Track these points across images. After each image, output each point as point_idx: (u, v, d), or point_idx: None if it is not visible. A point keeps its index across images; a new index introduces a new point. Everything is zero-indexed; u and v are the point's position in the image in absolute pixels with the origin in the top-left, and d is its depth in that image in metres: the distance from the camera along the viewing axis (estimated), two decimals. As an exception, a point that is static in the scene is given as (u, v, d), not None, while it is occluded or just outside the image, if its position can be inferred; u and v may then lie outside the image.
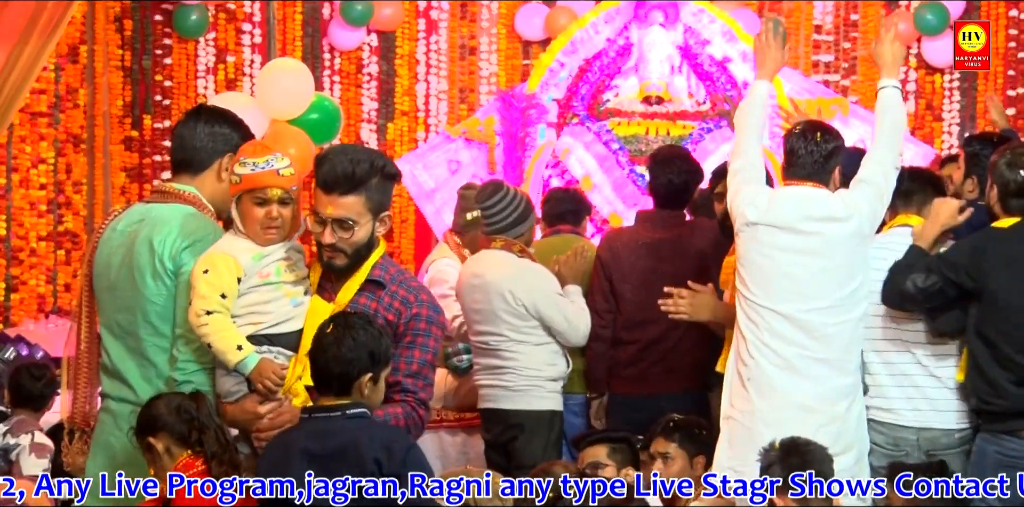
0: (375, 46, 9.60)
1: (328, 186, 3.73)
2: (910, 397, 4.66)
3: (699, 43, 8.04)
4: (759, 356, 4.63)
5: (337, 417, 3.59)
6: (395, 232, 9.53)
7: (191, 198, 3.99)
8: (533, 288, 5.65)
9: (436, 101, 9.61)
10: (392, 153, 9.43)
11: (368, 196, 3.75)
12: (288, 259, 3.87)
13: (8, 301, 8.02)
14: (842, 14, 9.56)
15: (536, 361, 5.67)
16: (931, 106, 9.48)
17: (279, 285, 3.83)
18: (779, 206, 4.67)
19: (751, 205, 4.67)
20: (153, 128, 9.39)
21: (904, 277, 4.59)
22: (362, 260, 3.81)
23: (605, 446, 5.04)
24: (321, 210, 3.75)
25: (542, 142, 7.96)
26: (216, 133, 4.04)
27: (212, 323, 3.74)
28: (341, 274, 3.83)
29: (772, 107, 7.97)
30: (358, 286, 3.81)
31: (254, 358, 3.75)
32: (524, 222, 5.80)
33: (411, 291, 3.84)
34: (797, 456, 4.08)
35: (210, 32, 9.46)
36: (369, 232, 3.79)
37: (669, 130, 7.85)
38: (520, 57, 9.58)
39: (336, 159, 3.74)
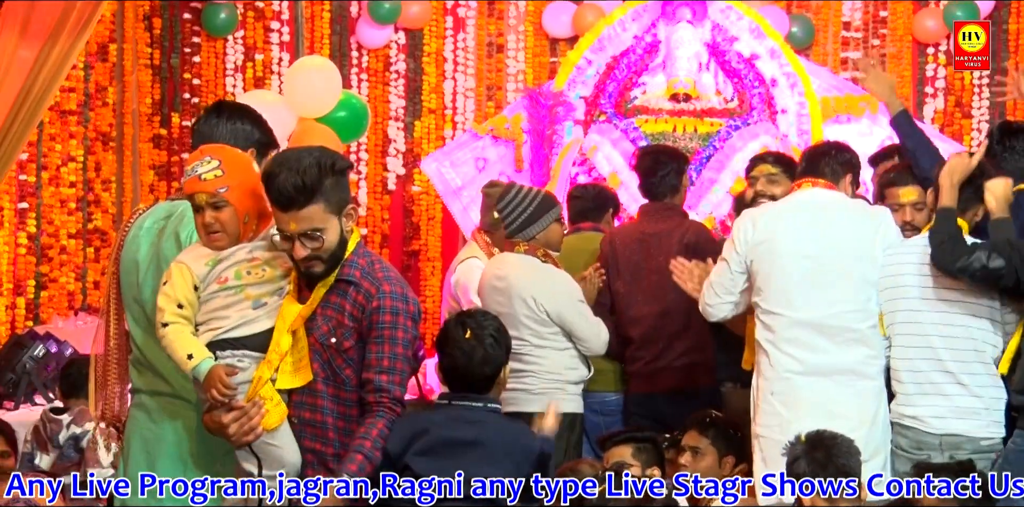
0: (403, 44, 9.62)
1: (283, 204, 3.66)
2: (935, 404, 4.61)
3: (727, 40, 8.02)
4: (780, 367, 4.65)
5: (479, 408, 3.94)
6: (422, 230, 9.56)
7: None
8: (556, 294, 5.57)
9: (463, 99, 9.62)
10: (419, 151, 9.46)
11: (326, 200, 3.68)
12: (254, 260, 3.81)
13: (38, 298, 8.06)
14: (871, 11, 9.53)
15: (557, 365, 5.61)
16: (960, 103, 9.44)
17: (240, 289, 3.77)
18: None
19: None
20: (182, 126, 9.43)
21: (967, 249, 4.53)
22: (339, 260, 3.76)
23: (630, 446, 5.02)
24: (284, 228, 3.68)
25: (569, 140, 7.95)
26: (237, 129, 4.04)
27: (168, 334, 3.74)
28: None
29: (801, 105, 7.99)
30: (329, 285, 3.75)
31: (204, 366, 3.71)
32: (538, 221, 5.64)
33: (375, 283, 3.75)
34: (823, 449, 4.08)
35: (239, 30, 9.50)
36: (338, 232, 3.73)
37: (697, 127, 7.82)
38: (547, 55, 9.58)
39: (282, 176, 3.63)
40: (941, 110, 9.43)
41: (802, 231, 4.77)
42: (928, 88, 9.46)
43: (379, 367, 3.70)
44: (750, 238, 4.80)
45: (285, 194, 3.63)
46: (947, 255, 4.55)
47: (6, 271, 7.69)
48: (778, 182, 5.35)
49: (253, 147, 4.03)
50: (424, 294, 9.52)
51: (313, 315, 3.75)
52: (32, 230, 7.99)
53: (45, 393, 6.84)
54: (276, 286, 3.79)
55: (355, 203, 3.78)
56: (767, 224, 4.82)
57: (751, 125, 7.82)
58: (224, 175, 3.73)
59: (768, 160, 5.52)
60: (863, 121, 8.25)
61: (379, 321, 3.70)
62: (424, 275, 9.56)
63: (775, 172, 5.39)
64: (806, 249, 4.72)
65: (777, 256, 4.74)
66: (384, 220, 9.65)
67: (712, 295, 4.95)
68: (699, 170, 7.72)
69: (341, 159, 3.75)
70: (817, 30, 9.51)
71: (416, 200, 9.58)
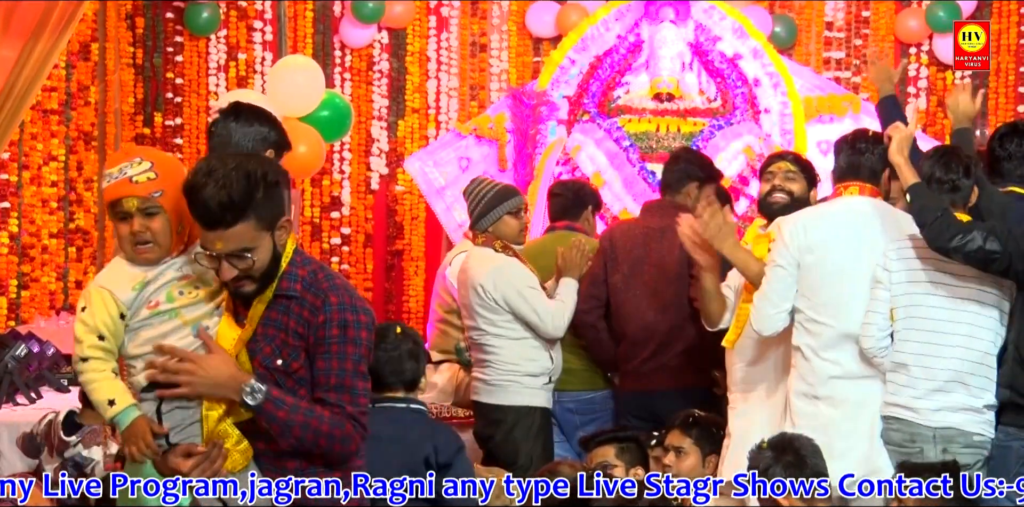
0: (386, 43, 9.61)
1: (208, 223, 3.23)
2: (935, 399, 4.58)
3: (710, 40, 8.04)
4: (823, 372, 4.69)
5: (403, 409, 4.24)
6: (406, 229, 9.55)
7: None
8: (503, 281, 5.67)
9: (447, 98, 9.62)
10: (403, 150, 9.46)
11: (257, 217, 3.24)
12: (185, 278, 3.40)
13: (19, 298, 8.03)
14: (853, 11, 9.56)
15: (513, 355, 5.70)
16: (942, 103, 9.46)
17: (174, 312, 3.36)
18: None
19: None
20: (164, 125, 9.41)
21: (963, 227, 4.46)
22: (273, 277, 3.34)
23: (613, 446, 5.03)
24: (209, 246, 3.26)
25: (553, 139, 7.95)
26: (254, 131, 4.06)
27: (87, 372, 3.35)
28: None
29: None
30: (267, 302, 3.35)
31: (127, 416, 3.32)
32: (489, 213, 5.77)
33: (320, 295, 3.33)
34: (791, 453, 4.10)
35: (221, 30, 9.48)
36: (270, 249, 3.30)
37: (680, 127, 7.83)
38: (531, 54, 9.59)
39: (207, 190, 3.19)
40: (924, 110, 9.47)
41: (851, 243, 4.72)
42: (911, 88, 9.50)
43: (327, 385, 3.32)
44: (800, 243, 4.73)
45: (211, 212, 3.20)
46: (942, 232, 4.44)
47: (-12, 271, 7.68)
48: (795, 179, 5.29)
49: (271, 148, 4.02)
50: (408, 293, 9.53)
51: (254, 336, 3.36)
52: (14, 230, 7.96)
53: (27, 393, 6.81)
54: (214, 305, 3.41)
55: (288, 218, 3.36)
56: (817, 232, 4.74)
57: (734, 125, 7.83)
58: (158, 178, 3.33)
59: (788, 158, 5.42)
60: (846, 121, 8.26)
61: (326, 336, 3.31)
62: (408, 274, 9.55)
63: (793, 170, 5.31)
64: (854, 263, 4.69)
65: (828, 267, 4.70)
66: (367, 220, 9.64)
67: (769, 305, 4.76)
68: (682, 169, 7.72)
69: (274, 169, 3.32)
70: (800, 30, 9.53)
71: (400, 199, 9.58)
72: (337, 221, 9.58)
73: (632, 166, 7.78)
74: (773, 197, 5.24)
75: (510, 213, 5.78)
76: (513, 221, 5.80)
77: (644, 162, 7.79)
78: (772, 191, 5.25)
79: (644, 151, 7.80)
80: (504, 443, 5.70)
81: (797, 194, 5.25)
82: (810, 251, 4.72)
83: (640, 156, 7.80)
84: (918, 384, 4.59)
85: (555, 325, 5.70)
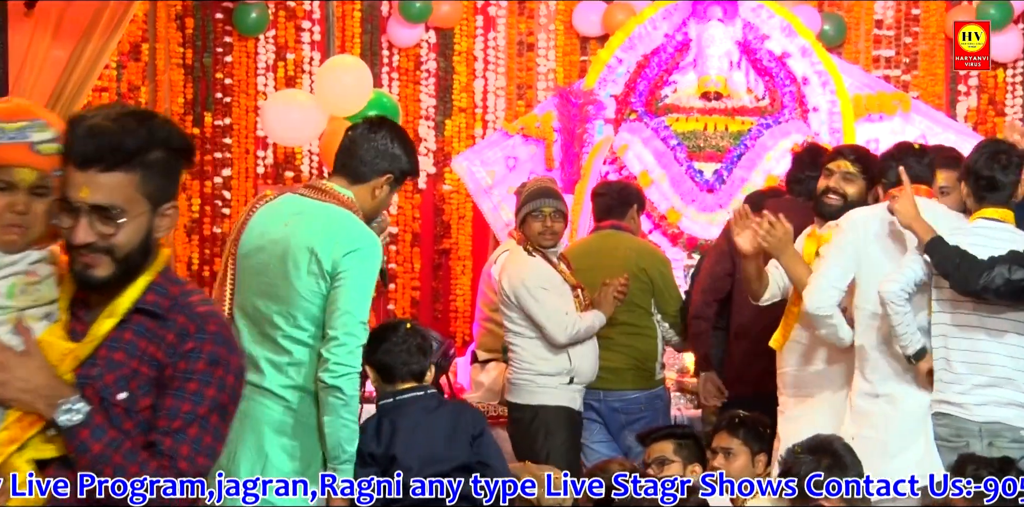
0: (433, 43, 9.63)
1: (83, 159, 2.54)
2: (983, 394, 4.56)
3: (758, 38, 8.01)
4: (885, 368, 4.71)
5: (422, 395, 4.32)
6: (453, 229, 9.56)
7: (349, 203, 4.04)
8: (516, 278, 5.73)
9: (494, 98, 9.62)
10: (450, 150, 9.47)
11: (144, 176, 2.56)
12: (31, 275, 2.70)
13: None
14: (903, 9, 9.49)
15: (528, 354, 5.75)
16: (993, 101, 9.40)
17: (7, 311, 2.64)
18: None
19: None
20: (214, 125, 9.47)
21: (984, 265, 4.46)
22: (132, 273, 2.60)
23: (671, 442, 4.95)
24: (72, 194, 2.55)
25: (600, 138, 7.95)
26: (387, 152, 4.06)
27: None
28: (102, 294, 2.61)
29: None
30: (121, 316, 2.59)
31: None
32: (517, 215, 5.88)
33: (195, 319, 2.60)
34: (829, 455, 4.06)
35: (270, 30, 9.52)
36: (144, 229, 2.59)
37: (728, 126, 7.81)
38: (578, 53, 9.57)
39: (95, 121, 2.55)
40: (974, 108, 9.39)
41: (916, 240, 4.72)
42: (961, 86, 9.42)
43: (166, 429, 2.55)
44: (870, 234, 4.75)
45: (90, 144, 2.53)
46: (967, 277, 4.45)
47: (39, 269, 7.74)
48: (853, 180, 5.12)
49: (391, 174, 4.04)
50: (455, 292, 9.54)
51: (92, 359, 2.58)
52: (65, 229, 8.04)
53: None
54: (44, 311, 2.67)
55: (176, 205, 2.67)
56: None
57: (782, 123, 7.80)
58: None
59: (849, 156, 5.19)
60: (895, 119, 8.22)
61: (188, 369, 2.56)
62: (455, 274, 9.57)
63: (852, 171, 5.12)
64: None
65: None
66: (415, 219, 9.66)
67: (826, 281, 4.74)
68: (730, 169, 7.71)
69: (181, 137, 2.65)
70: (849, 28, 9.47)
71: (447, 199, 9.59)
72: (385, 220, 9.60)
73: (679, 165, 7.77)
74: (827, 198, 5.14)
75: (531, 214, 5.77)
76: (534, 223, 5.77)
77: (691, 161, 7.77)
78: (827, 192, 5.13)
79: (691, 150, 7.78)
80: (522, 441, 5.74)
81: (852, 197, 5.09)
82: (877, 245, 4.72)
83: (688, 155, 7.78)
84: (964, 380, 4.57)
85: (561, 331, 5.65)
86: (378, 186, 4.02)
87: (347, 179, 4.04)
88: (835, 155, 5.25)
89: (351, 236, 3.91)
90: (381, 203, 4.12)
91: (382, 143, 4.05)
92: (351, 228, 3.94)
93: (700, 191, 7.70)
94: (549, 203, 5.76)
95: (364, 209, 4.04)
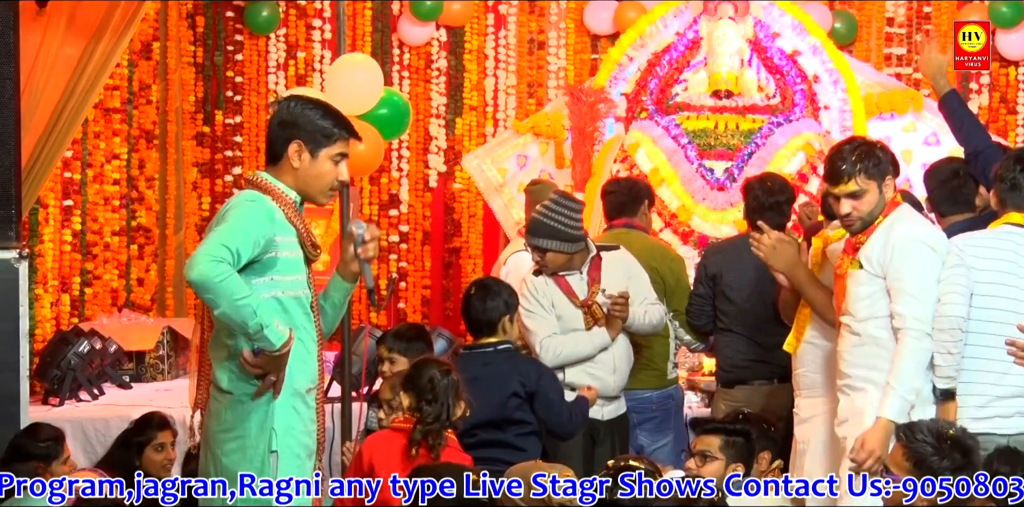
0: (444, 41, 9.63)
1: None
2: (1011, 405, 4.48)
3: (769, 37, 7.99)
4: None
5: (491, 352, 5.01)
6: (464, 227, 9.56)
7: (260, 184, 3.92)
8: (514, 277, 5.93)
9: (504, 96, 9.62)
10: (461, 148, 9.47)
11: None
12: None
13: (82, 295, 8.11)
14: (915, 7, 9.47)
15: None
16: (1005, 99, 9.37)
17: None
18: None
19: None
20: (225, 124, 9.48)
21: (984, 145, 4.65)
22: None
23: (720, 437, 4.70)
24: None
25: (611, 136, 7.94)
26: (282, 123, 3.96)
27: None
28: None
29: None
30: None
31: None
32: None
33: None
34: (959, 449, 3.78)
35: (281, 28, 9.54)
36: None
37: (739, 124, 7.80)
38: (589, 52, 9.57)
39: None
40: (986, 106, 9.37)
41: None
42: (973, 84, 9.40)
43: None
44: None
45: None
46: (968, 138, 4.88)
47: (51, 268, 7.74)
48: (862, 197, 4.93)
49: (296, 140, 3.92)
50: (465, 291, 9.53)
51: None
52: (77, 227, 8.04)
53: (90, 389, 6.88)
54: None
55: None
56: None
57: (793, 121, 7.79)
58: None
59: (842, 178, 4.80)
60: (907, 117, 8.20)
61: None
62: (465, 272, 9.56)
63: (855, 190, 4.91)
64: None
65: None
66: (425, 217, 9.66)
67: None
68: (741, 167, 7.70)
69: None
70: (860, 26, 9.45)
71: (457, 197, 9.59)
72: (395, 219, 9.60)
73: (690, 163, 7.76)
74: (847, 221, 5.09)
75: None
76: (533, 254, 5.75)
77: (702, 159, 7.76)
78: (846, 216, 5.06)
79: (702, 148, 7.77)
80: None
81: (866, 213, 5.06)
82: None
83: (698, 153, 7.77)
84: (993, 390, 4.47)
85: (542, 353, 5.51)
86: (292, 158, 3.90)
87: (269, 165, 3.97)
88: (830, 182, 4.76)
89: (227, 204, 3.86)
90: (315, 173, 3.93)
91: (276, 118, 3.96)
92: (232, 199, 3.90)
93: (711, 189, 7.69)
94: (531, 240, 5.63)
95: (304, 186, 3.93)
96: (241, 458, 3.77)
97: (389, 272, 9.59)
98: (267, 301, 3.75)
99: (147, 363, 7.57)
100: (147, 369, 7.56)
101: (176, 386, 7.33)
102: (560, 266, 5.61)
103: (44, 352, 6.97)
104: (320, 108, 4.00)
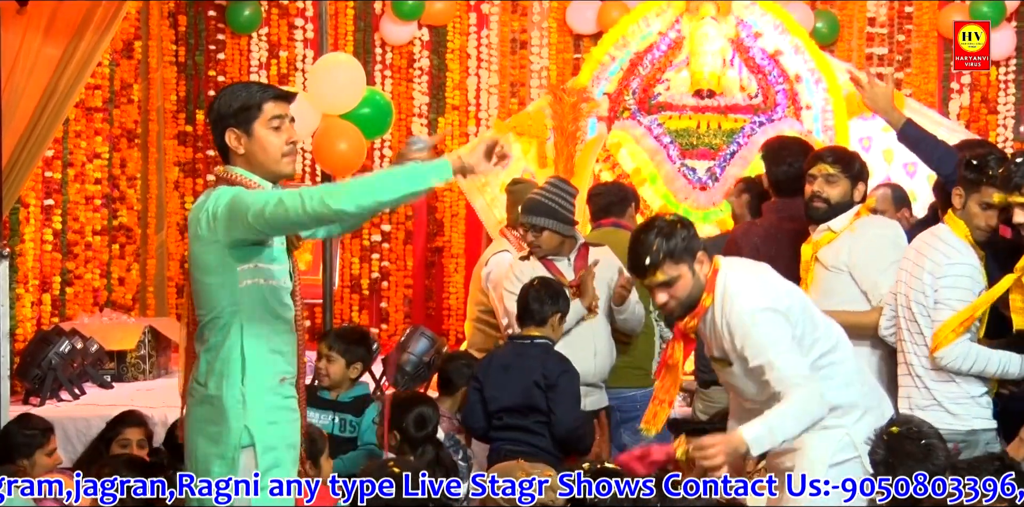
0: (426, 41, 9.63)
1: None
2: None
3: (751, 36, 8.01)
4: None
5: (528, 344, 5.29)
6: (446, 226, 9.56)
7: (233, 178, 3.87)
8: (496, 276, 6.05)
9: (487, 95, 9.63)
10: (443, 147, 9.46)
11: None
12: None
13: (63, 295, 8.09)
14: (896, 7, 9.50)
15: None
16: (986, 99, 9.41)
17: None
18: None
19: None
20: (206, 123, 9.45)
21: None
22: None
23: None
24: None
25: (593, 136, 7.95)
26: (212, 113, 3.94)
27: None
28: None
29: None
30: None
31: None
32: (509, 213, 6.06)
33: None
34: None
35: (263, 27, 9.52)
36: None
37: (721, 124, 7.82)
38: (571, 51, 9.58)
39: None
40: (967, 106, 9.40)
41: None
42: (954, 84, 9.43)
43: None
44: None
45: None
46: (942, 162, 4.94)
47: (32, 268, 7.71)
48: (836, 182, 5.06)
49: (226, 121, 3.89)
50: (448, 290, 9.54)
51: None
52: (58, 227, 8.01)
53: (71, 389, 6.87)
54: None
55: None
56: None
57: (775, 121, 7.80)
58: None
59: (827, 159, 5.15)
60: (888, 117, 8.22)
61: None
62: (448, 271, 9.56)
63: (833, 172, 5.06)
64: None
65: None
66: (408, 217, 9.66)
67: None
68: (723, 166, 7.71)
69: None
70: (842, 26, 9.48)
71: (440, 197, 9.59)
72: (377, 218, 9.59)
73: (672, 163, 7.77)
74: (813, 205, 5.14)
75: (522, 224, 5.83)
76: (527, 234, 5.79)
77: (684, 159, 7.78)
78: (812, 199, 5.11)
79: (684, 148, 7.79)
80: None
81: (836, 200, 5.02)
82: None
83: (680, 153, 7.79)
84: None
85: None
86: (233, 147, 3.86)
87: (224, 159, 3.96)
88: (814, 160, 5.18)
89: (214, 200, 3.83)
90: (259, 148, 3.87)
91: (208, 120, 3.99)
92: (213, 195, 3.87)
93: (693, 189, 7.71)
94: (529, 219, 5.70)
95: (259, 166, 3.87)
96: (214, 451, 3.76)
97: (371, 272, 9.59)
98: (251, 286, 3.77)
99: (128, 363, 7.56)
100: (128, 369, 7.55)
101: (157, 386, 7.32)
102: (552, 249, 5.71)
103: (25, 352, 6.95)
104: (234, 88, 3.97)
